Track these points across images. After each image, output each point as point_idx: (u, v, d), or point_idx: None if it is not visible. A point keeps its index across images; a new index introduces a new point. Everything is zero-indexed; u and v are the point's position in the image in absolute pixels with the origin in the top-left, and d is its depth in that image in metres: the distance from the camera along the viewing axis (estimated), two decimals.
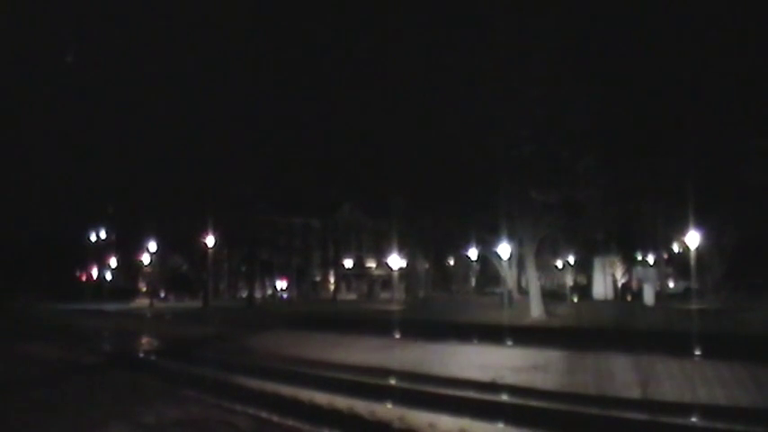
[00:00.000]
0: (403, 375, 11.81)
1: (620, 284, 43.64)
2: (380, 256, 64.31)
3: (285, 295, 64.82)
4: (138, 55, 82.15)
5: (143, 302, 51.40)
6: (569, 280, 50.00)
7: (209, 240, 41.61)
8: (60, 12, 71.80)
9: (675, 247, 45.93)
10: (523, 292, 37.57)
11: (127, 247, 62.37)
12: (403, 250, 46.32)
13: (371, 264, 71.50)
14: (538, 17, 26.34)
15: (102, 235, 66.30)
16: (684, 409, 8.51)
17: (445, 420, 8.08)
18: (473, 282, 62.11)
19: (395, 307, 38.89)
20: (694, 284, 36.70)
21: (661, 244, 44.84)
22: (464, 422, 8.02)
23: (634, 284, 45.11)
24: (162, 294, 62.00)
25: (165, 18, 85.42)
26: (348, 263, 68.97)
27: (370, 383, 11.17)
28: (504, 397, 9.83)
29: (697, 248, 30.91)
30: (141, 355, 18.32)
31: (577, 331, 21.26)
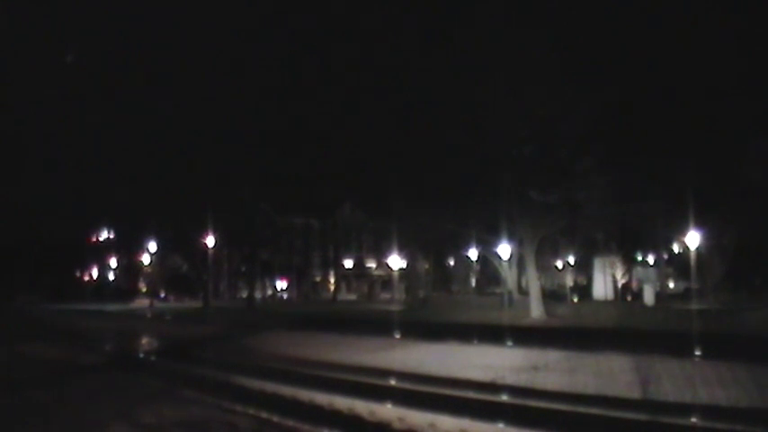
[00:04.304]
0: (403, 376, 11.80)
1: (620, 285, 43.58)
2: (380, 256, 64.24)
3: (285, 295, 64.79)
4: (138, 55, 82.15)
5: (143, 303, 51.41)
6: (569, 280, 49.95)
7: (210, 240, 41.60)
8: (60, 12, 71.77)
9: (675, 248, 45.89)
10: (523, 292, 37.53)
11: (127, 247, 62.41)
12: (403, 250, 46.24)
13: (371, 264, 71.44)
14: (538, 18, 26.36)
15: (103, 235, 66.41)
16: (684, 409, 8.51)
17: (445, 421, 8.07)
18: (473, 282, 62.04)
19: (395, 307, 38.87)
20: (694, 285, 36.66)
21: (661, 244, 44.81)
22: (464, 422, 8.01)
23: (634, 285, 45.07)
24: (162, 295, 62.03)
25: (166, 18, 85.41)
26: (348, 263, 68.93)
27: (370, 384, 11.16)
28: (505, 397, 9.83)
29: (697, 249, 30.87)
30: (141, 355, 18.31)
31: (577, 331, 21.27)
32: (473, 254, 43.19)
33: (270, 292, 64.80)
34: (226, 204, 45.65)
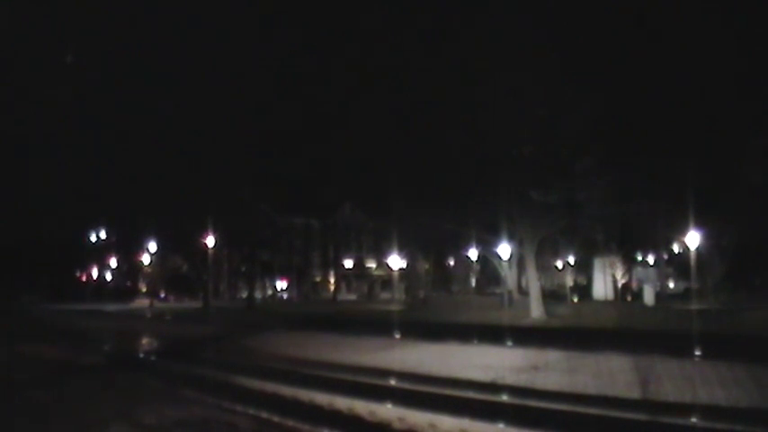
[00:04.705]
0: (403, 376, 11.81)
1: (620, 285, 43.61)
2: (380, 256, 64.29)
3: (285, 295, 64.82)
4: (138, 55, 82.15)
5: (143, 303, 51.41)
6: (569, 280, 49.96)
7: (210, 240, 41.59)
8: (60, 12, 71.81)
9: (675, 248, 45.92)
10: (523, 292, 37.54)
11: (127, 247, 62.37)
12: (403, 250, 46.33)
13: (371, 264, 71.48)
14: (538, 18, 26.36)
15: (102, 235, 66.34)
16: (684, 409, 8.51)
17: (445, 421, 8.07)
18: (473, 282, 62.09)
19: (395, 307, 38.89)
20: (694, 285, 36.68)
21: (661, 244, 44.82)
22: (464, 422, 8.02)
23: (634, 285, 45.09)
24: (162, 295, 62.02)
25: (166, 17, 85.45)
26: (348, 263, 68.95)
27: (370, 384, 11.17)
28: (505, 397, 9.83)
29: (697, 249, 30.88)
30: (141, 355, 18.31)
31: (577, 331, 21.27)
32: (473, 254, 43.23)
33: (270, 292, 64.82)
34: (226, 204, 45.63)
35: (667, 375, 10.19)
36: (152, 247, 48.75)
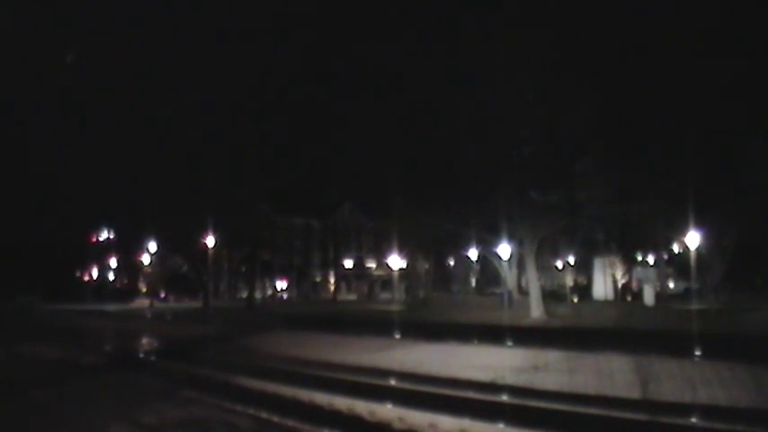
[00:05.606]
0: (403, 376, 11.81)
1: (620, 285, 43.62)
2: (380, 256, 64.29)
3: (285, 295, 64.83)
4: (139, 55, 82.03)
5: (143, 303, 51.42)
6: (569, 280, 49.96)
7: (210, 240, 41.57)
8: (60, 12, 71.80)
9: (675, 248, 45.89)
10: (523, 292, 37.56)
11: (127, 247, 62.38)
12: (403, 250, 46.32)
13: (371, 264, 71.49)
14: (538, 17, 26.35)
15: (103, 235, 66.39)
16: (684, 409, 8.51)
17: (445, 421, 8.07)
18: (473, 282, 62.08)
19: (395, 307, 38.88)
20: (694, 285, 36.67)
21: (661, 244, 44.80)
22: (464, 422, 8.02)
23: (634, 285, 45.10)
24: (162, 295, 62.03)
25: (166, 18, 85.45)
26: (348, 263, 68.95)
27: (370, 384, 11.17)
28: (505, 397, 9.83)
29: (697, 249, 30.88)
30: (141, 355, 18.31)
31: (577, 331, 21.27)
32: (473, 254, 43.23)
33: (270, 292, 64.82)
34: (226, 204, 45.58)
35: (667, 375, 10.19)
36: (152, 247, 48.73)
